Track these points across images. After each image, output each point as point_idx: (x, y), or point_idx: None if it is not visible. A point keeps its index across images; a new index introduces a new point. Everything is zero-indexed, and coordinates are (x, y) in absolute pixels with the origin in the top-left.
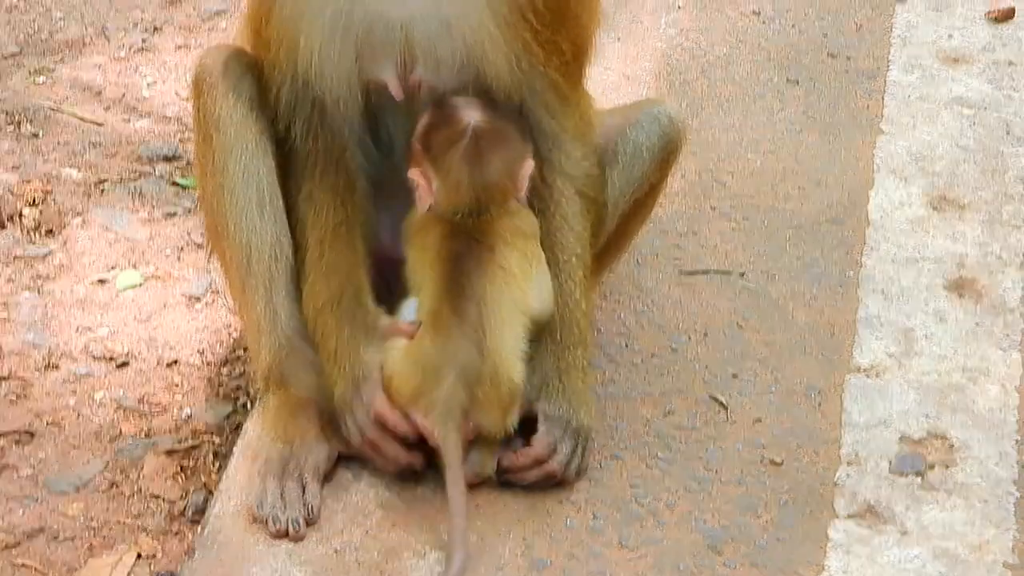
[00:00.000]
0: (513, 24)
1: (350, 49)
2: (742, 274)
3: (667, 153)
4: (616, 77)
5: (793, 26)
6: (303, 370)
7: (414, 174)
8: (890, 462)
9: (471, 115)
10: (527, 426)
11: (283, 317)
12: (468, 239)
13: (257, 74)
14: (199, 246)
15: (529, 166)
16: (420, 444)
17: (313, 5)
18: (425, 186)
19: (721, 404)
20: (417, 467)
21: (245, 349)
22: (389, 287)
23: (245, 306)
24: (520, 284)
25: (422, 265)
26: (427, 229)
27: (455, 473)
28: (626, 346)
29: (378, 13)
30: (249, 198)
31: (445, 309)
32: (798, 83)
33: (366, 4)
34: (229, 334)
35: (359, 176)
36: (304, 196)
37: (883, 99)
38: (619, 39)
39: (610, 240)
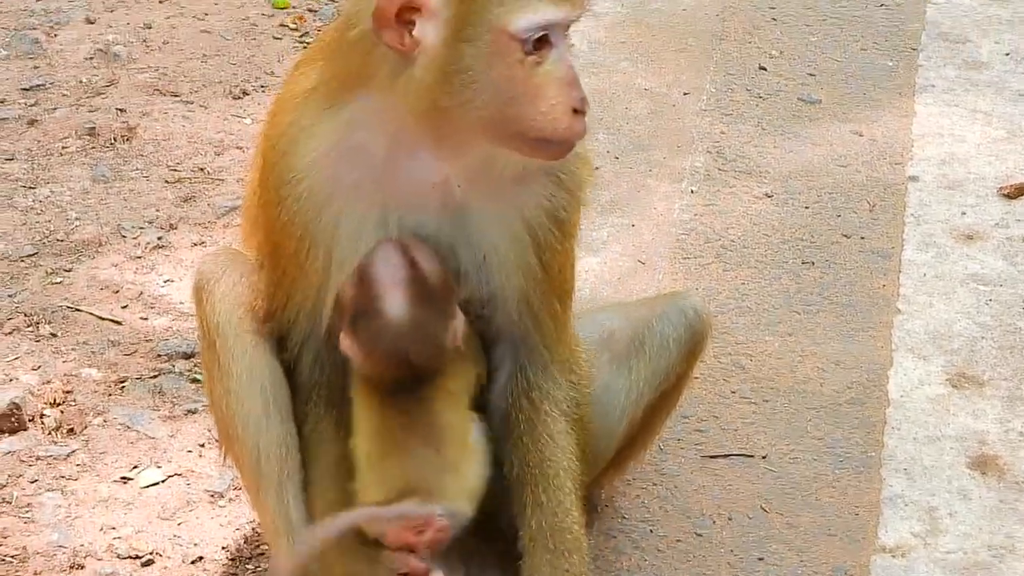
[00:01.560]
0: (532, 245)
1: None
2: (764, 457)
3: (693, 345)
4: (631, 263)
5: (806, 208)
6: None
7: (343, 343)
8: None
9: (394, 294)
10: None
11: (297, 518)
12: (406, 403)
13: (255, 275)
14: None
15: (458, 323)
16: None
17: (348, 251)
18: (354, 355)
19: None
20: None
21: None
22: None
23: (260, 507)
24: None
25: (365, 420)
26: (367, 389)
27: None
28: (651, 532)
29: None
30: (254, 400)
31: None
32: (813, 264)
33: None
34: (253, 529)
35: None
36: (310, 427)
37: (899, 278)
38: (633, 225)
39: (636, 432)
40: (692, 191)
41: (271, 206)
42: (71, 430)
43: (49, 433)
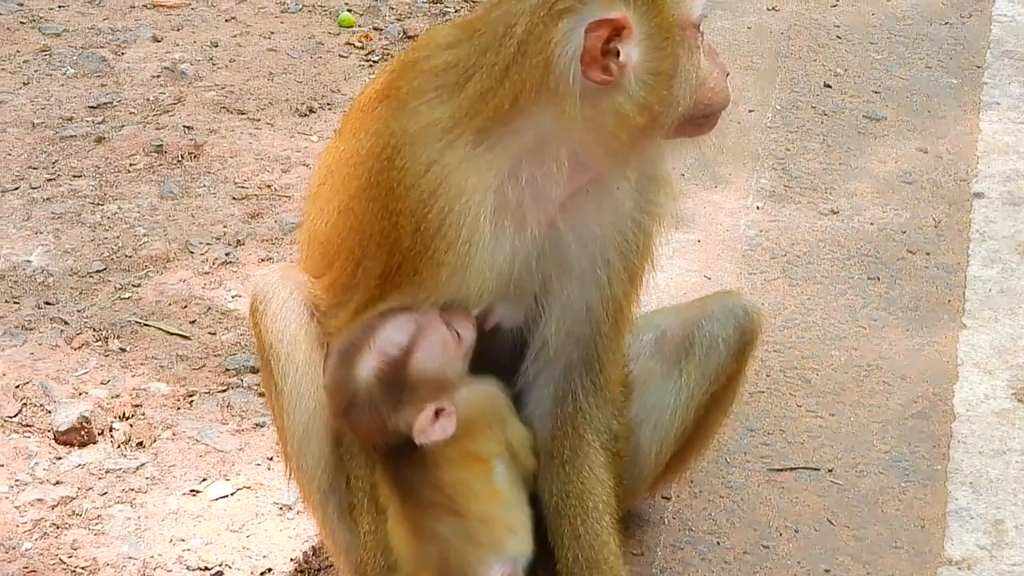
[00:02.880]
0: (618, 259)
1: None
2: (830, 470)
3: (743, 345)
4: (697, 278)
5: (871, 224)
6: None
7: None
8: None
9: (364, 360)
10: None
11: (346, 535)
12: (406, 471)
13: (306, 291)
14: None
15: (421, 416)
16: None
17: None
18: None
19: None
20: None
21: None
22: None
23: (316, 523)
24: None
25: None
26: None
27: None
28: (718, 544)
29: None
30: (300, 418)
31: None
32: (879, 280)
33: (520, 261)
34: (321, 542)
35: None
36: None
37: (964, 293)
38: (699, 240)
39: (691, 435)
40: (758, 207)
41: (412, 237)
42: (140, 443)
43: (118, 447)
